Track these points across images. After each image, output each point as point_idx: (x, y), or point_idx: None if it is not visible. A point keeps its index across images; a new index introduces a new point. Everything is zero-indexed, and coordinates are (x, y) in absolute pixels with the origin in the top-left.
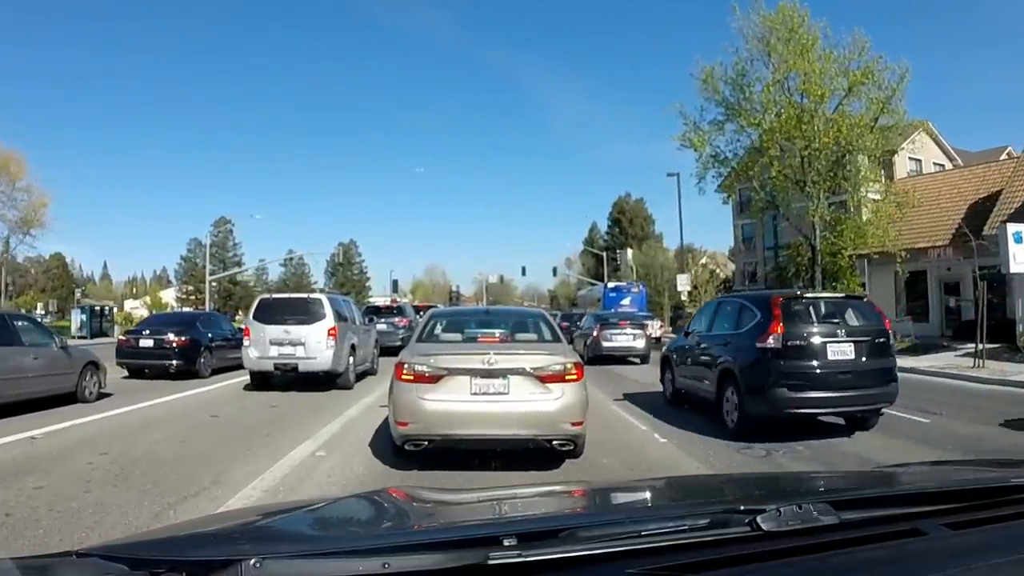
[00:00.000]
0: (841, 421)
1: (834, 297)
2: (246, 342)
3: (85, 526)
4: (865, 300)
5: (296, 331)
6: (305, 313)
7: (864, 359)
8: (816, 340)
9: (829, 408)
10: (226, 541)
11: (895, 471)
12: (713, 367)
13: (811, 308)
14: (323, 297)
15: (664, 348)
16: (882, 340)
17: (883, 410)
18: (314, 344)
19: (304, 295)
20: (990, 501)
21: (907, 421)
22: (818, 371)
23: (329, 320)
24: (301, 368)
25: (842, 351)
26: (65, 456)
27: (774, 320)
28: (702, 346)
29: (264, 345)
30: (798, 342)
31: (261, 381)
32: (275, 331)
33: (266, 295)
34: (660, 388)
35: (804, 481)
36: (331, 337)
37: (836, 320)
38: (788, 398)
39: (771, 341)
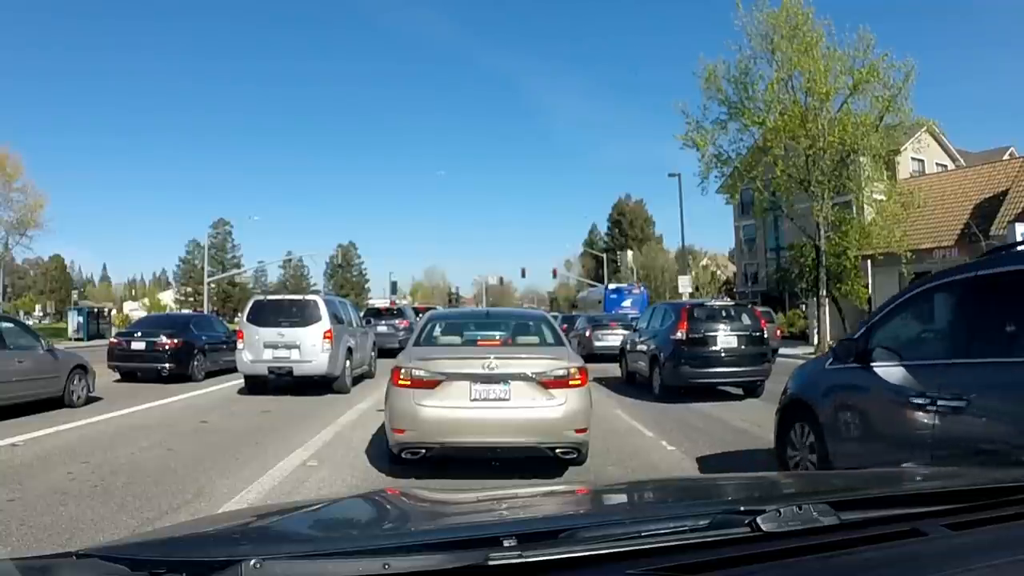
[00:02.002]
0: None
1: (727, 305)
2: (240, 345)
3: (56, 543)
4: (748, 307)
5: (291, 334)
6: (300, 315)
7: (744, 347)
8: (710, 334)
9: (719, 380)
10: (226, 542)
11: (895, 471)
12: (647, 353)
13: (710, 313)
14: (318, 299)
15: (621, 342)
16: (758, 334)
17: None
18: (309, 347)
19: (299, 296)
20: (990, 501)
21: None
22: (711, 355)
23: (325, 322)
24: (296, 372)
25: (728, 341)
26: (45, 465)
27: (682, 320)
28: (642, 339)
29: (258, 348)
30: (698, 335)
31: (255, 385)
32: (269, 334)
33: (260, 296)
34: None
35: (804, 481)
36: (327, 340)
37: (725, 320)
38: (690, 372)
39: (679, 334)
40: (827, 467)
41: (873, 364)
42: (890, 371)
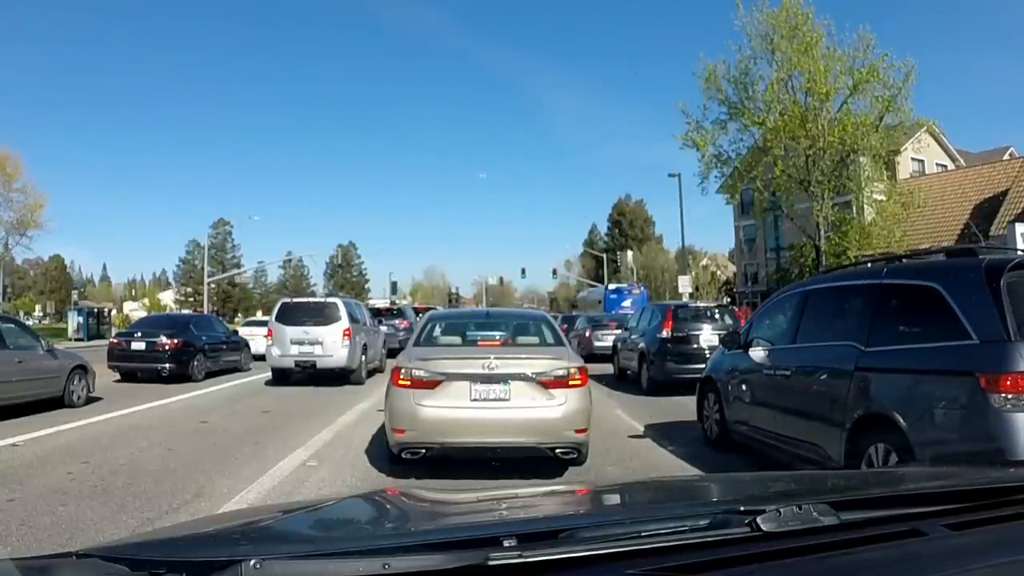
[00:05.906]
0: None
1: (708, 306)
2: (269, 341)
3: (56, 544)
4: (729, 307)
5: (314, 331)
6: (322, 315)
7: None
8: (693, 333)
9: (700, 375)
10: (226, 542)
11: (895, 471)
12: (636, 351)
13: (693, 313)
14: (339, 301)
15: (613, 340)
16: (737, 332)
17: None
18: (331, 343)
19: (322, 299)
20: (990, 501)
21: None
22: (694, 352)
23: (344, 322)
24: (319, 365)
25: (709, 339)
26: (45, 465)
27: (667, 320)
28: (632, 338)
29: (285, 344)
30: (681, 334)
31: (281, 377)
32: (295, 332)
33: (287, 299)
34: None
35: (804, 481)
36: (346, 337)
37: (707, 320)
38: (674, 368)
39: (665, 333)
40: (724, 422)
41: (750, 350)
42: (758, 353)
